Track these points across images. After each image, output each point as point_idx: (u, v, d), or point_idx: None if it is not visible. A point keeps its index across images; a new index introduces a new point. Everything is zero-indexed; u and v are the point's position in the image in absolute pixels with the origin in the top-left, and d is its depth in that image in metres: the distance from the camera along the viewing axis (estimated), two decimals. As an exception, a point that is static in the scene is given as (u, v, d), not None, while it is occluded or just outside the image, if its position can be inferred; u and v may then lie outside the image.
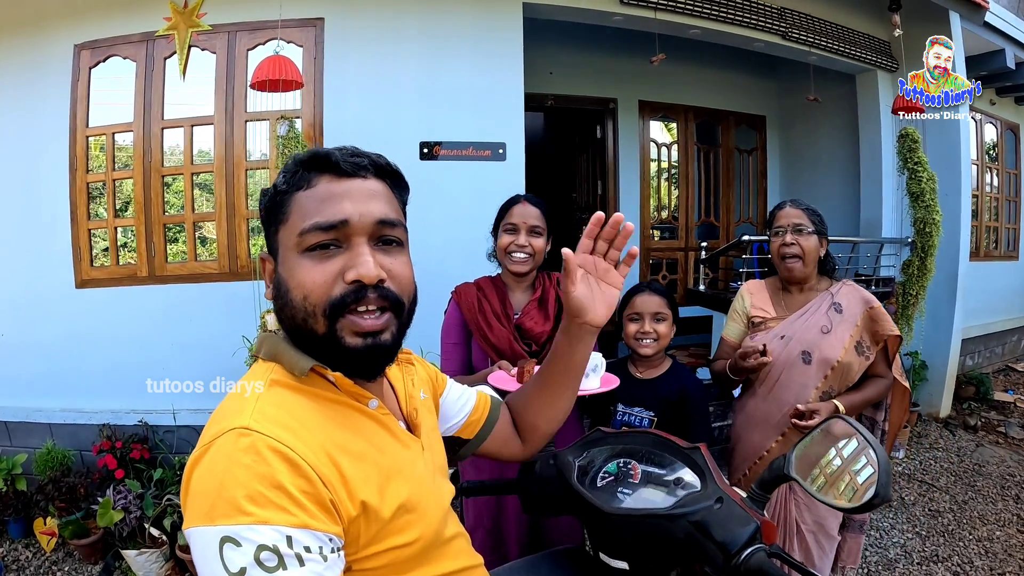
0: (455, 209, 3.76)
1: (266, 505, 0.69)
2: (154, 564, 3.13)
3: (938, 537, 3.49)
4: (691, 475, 1.19)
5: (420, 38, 3.96)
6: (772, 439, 2.11)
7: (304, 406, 0.82)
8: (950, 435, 5.14)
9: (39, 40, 4.00)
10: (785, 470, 1.12)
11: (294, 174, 0.89)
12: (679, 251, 6.45)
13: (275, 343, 0.90)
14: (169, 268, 3.98)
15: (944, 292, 5.43)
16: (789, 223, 2.12)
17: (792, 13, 4.97)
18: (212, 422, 0.79)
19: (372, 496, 0.80)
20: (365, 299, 0.84)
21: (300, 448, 0.74)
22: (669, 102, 6.35)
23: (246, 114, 3.88)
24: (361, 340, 0.85)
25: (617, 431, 1.44)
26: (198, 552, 0.70)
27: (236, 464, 0.71)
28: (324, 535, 0.72)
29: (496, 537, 2.10)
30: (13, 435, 3.92)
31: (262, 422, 0.75)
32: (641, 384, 2.10)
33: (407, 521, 0.86)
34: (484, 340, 2.03)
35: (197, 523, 0.70)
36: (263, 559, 0.67)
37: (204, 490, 0.71)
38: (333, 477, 0.76)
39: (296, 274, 0.85)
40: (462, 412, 1.23)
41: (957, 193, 5.39)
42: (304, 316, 0.84)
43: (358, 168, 0.89)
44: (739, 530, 1.04)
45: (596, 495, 1.21)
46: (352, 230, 0.85)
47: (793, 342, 2.09)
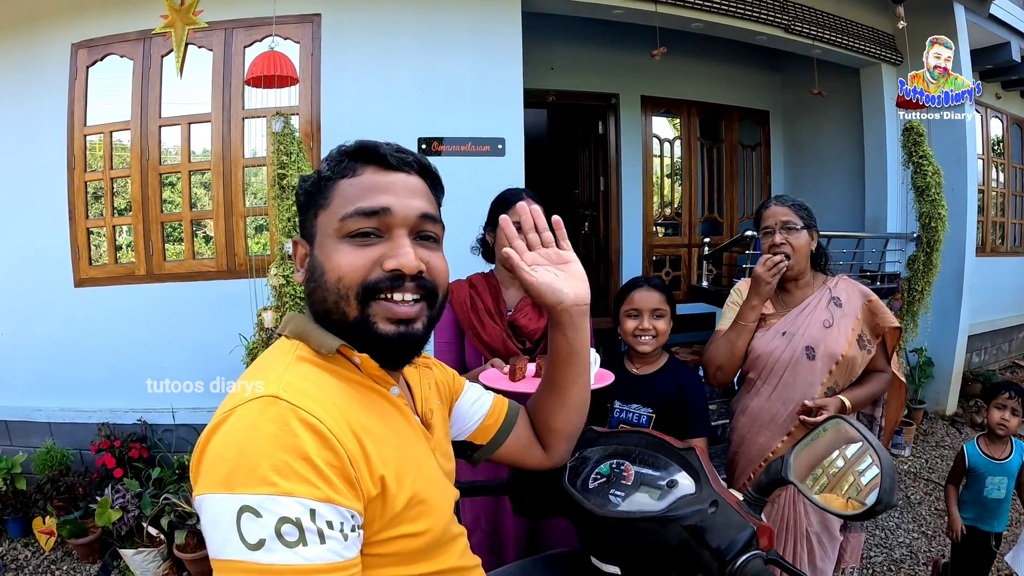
0: (453, 205, 3.70)
1: (291, 476, 0.67)
2: (152, 563, 3.12)
3: (944, 537, 3.44)
4: (686, 477, 1.15)
5: (418, 33, 3.93)
6: (778, 439, 2.06)
7: (330, 383, 0.82)
8: (956, 433, 5.10)
9: (36, 39, 4.00)
10: (783, 473, 1.08)
11: (339, 163, 0.90)
12: (682, 247, 6.40)
13: (303, 322, 0.90)
14: (167, 267, 3.96)
15: (950, 288, 5.38)
16: (777, 221, 2.06)
17: (795, 6, 4.92)
18: (233, 394, 0.77)
19: (391, 479, 0.79)
20: (402, 287, 0.86)
21: (328, 421, 0.73)
22: (672, 97, 6.29)
23: (243, 111, 3.86)
24: (394, 327, 0.86)
25: (610, 430, 1.41)
26: (210, 520, 0.67)
27: (261, 433, 0.69)
28: (347, 511, 0.71)
29: (494, 539, 2.07)
30: (13, 434, 3.92)
31: (291, 392, 0.73)
32: (638, 380, 2.06)
33: (419, 511, 0.84)
34: (477, 338, 2.00)
35: (213, 490, 0.68)
36: (284, 532, 0.65)
37: (223, 457, 0.69)
38: (357, 454, 0.75)
39: (333, 257, 0.85)
40: (476, 415, 1.19)
41: (963, 188, 5.35)
42: (336, 299, 0.84)
43: (403, 163, 0.91)
44: (734, 536, 1.01)
45: (587, 497, 1.18)
46: (394, 220, 0.86)
47: (796, 338, 2.04)
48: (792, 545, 2.03)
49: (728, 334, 2.12)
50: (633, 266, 6.08)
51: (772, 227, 2.07)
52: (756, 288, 2.02)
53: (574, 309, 1.07)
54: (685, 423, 1.97)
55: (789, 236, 2.04)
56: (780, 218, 2.06)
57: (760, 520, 1.06)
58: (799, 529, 2.03)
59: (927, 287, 4.82)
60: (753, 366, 2.12)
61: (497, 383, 1.70)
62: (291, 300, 3.14)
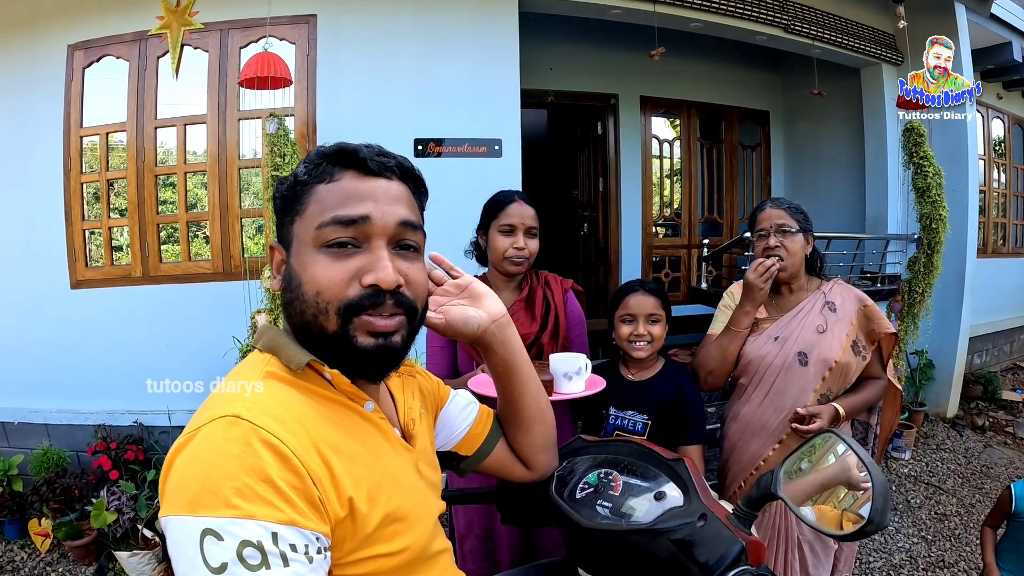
0: (450, 206, 3.69)
1: (253, 499, 0.65)
2: (147, 566, 3.10)
3: (944, 542, 3.42)
4: (674, 489, 1.13)
5: (415, 34, 3.90)
6: (769, 447, 2.03)
7: (298, 400, 0.79)
8: (957, 435, 5.07)
9: (33, 40, 3.98)
10: (772, 488, 1.05)
11: (317, 166, 0.86)
12: (682, 248, 6.38)
13: (275, 335, 0.87)
14: (163, 268, 3.95)
15: (951, 289, 5.36)
16: (772, 224, 2.03)
17: (794, 5, 4.89)
18: (203, 409, 0.76)
19: (361, 500, 0.77)
20: (382, 305, 0.82)
21: (291, 441, 0.71)
22: (671, 97, 6.26)
23: (239, 112, 3.84)
24: (373, 340, 0.83)
25: (599, 439, 1.39)
26: (175, 542, 0.66)
27: (223, 454, 0.67)
28: (311, 533, 0.69)
29: (488, 545, 2.05)
30: (10, 436, 3.91)
31: (255, 412, 0.71)
32: (634, 387, 2.02)
33: (395, 530, 0.82)
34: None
35: (177, 512, 0.66)
36: (246, 556, 0.63)
37: (187, 478, 0.67)
38: (323, 475, 0.73)
39: (310, 269, 0.82)
40: (463, 425, 1.16)
41: (964, 189, 5.32)
42: (315, 312, 0.82)
43: (384, 168, 0.88)
44: (723, 550, 0.99)
45: (575, 508, 1.17)
46: (372, 230, 0.83)
47: (788, 343, 2.01)
48: (784, 554, 2.01)
49: (720, 339, 2.09)
50: (632, 267, 6.06)
51: (767, 230, 2.04)
52: (749, 294, 1.99)
53: (493, 327, 1.06)
54: (682, 429, 1.94)
55: (784, 239, 2.01)
56: (775, 221, 2.03)
57: (750, 535, 1.04)
58: (791, 538, 2.00)
59: (928, 289, 4.80)
60: (745, 371, 2.09)
61: (487, 389, 1.68)
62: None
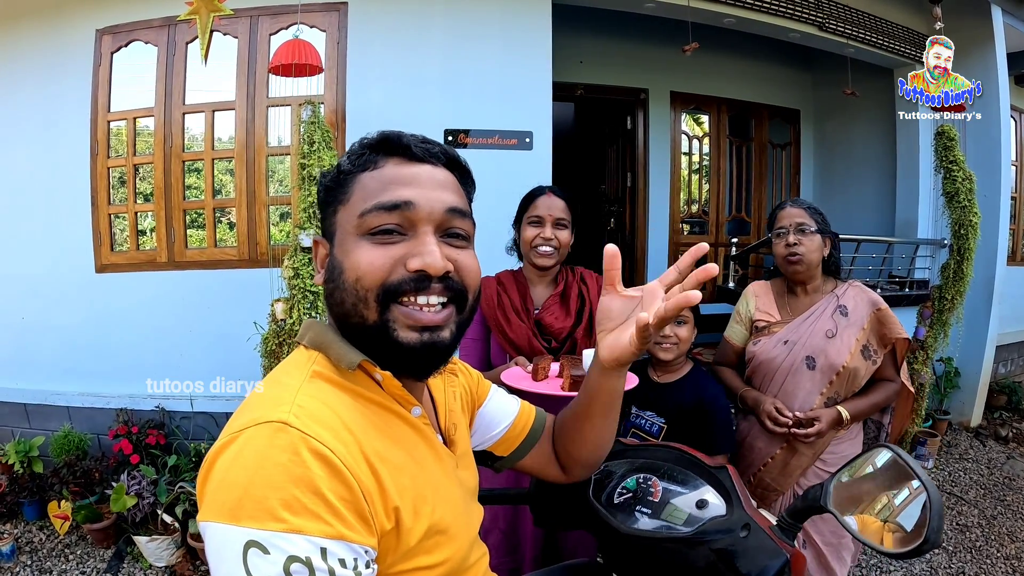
0: (480, 199, 3.67)
1: (301, 512, 0.62)
2: (165, 551, 3.12)
3: (965, 553, 3.36)
4: (716, 497, 1.10)
5: (445, 24, 3.87)
6: (776, 447, 2.07)
7: (347, 405, 0.75)
8: (980, 445, 4.98)
9: (61, 25, 3.99)
10: (822, 501, 1.02)
11: (360, 155, 0.84)
12: (709, 246, 6.30)
13: (322, 331, 0.83)
14: (189, 254, 3.96)
15: (980, 297, 5.23)
16: (792, 223, 2.06)
17: (830, 3, 4.80)
18: (245, 409, 0.73)
19: (407, 512, 0.74)
20: (428, 289, 0.79)
21: (341, 451, 0.68)
22: (702, 93, 6.18)
23: (267, 99, 3.84)
24: (417, 335, 0.79)
25: (638, 443, 1.36)
26: (215, 550, 0.63)
27: (270, 462, 0.64)
28: (360, 547, 0.66)
29: (511, 539, 2.04)
30: (32, 417, 3.95)
31: (303, 418, 0.68)
32: (657, 388, 2.05)
33: (436, 542, 0.79)
34: (502, 335, 1.99)
35: (218, 519, 0.63)
36: (293, 571, 0.61)
37: (230, 484, 0.64)
38: (372, 486, 0.70)
39: (352, 256, 0.79)
40: (500, 425, 1.12)
41: (996, 195, 5.20)
42: (355, 301, 0.78)
43: (429, 154, 0.85)
44: (767, 563, 0.96)
45: (612, 513, 1.14)
46: (418, 216, 0.80)
47: (797, 347, 2.04)
48: None
49: (731, 379, 2.21)
50: (658, 263, 6.00)
51: (786, 227, 2.08)
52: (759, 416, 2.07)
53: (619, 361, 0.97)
54: (702, 437, 1.91)
55: (803, 238, 2.04)
56: (795, 219, 2.07)
57: (793, 547, 1.01)
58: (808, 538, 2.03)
59: (958, 296, 4.69)
60: (755, 372, 2.15)
61: (520, 382, 1.68)
62: (300, 293, 3.10)
